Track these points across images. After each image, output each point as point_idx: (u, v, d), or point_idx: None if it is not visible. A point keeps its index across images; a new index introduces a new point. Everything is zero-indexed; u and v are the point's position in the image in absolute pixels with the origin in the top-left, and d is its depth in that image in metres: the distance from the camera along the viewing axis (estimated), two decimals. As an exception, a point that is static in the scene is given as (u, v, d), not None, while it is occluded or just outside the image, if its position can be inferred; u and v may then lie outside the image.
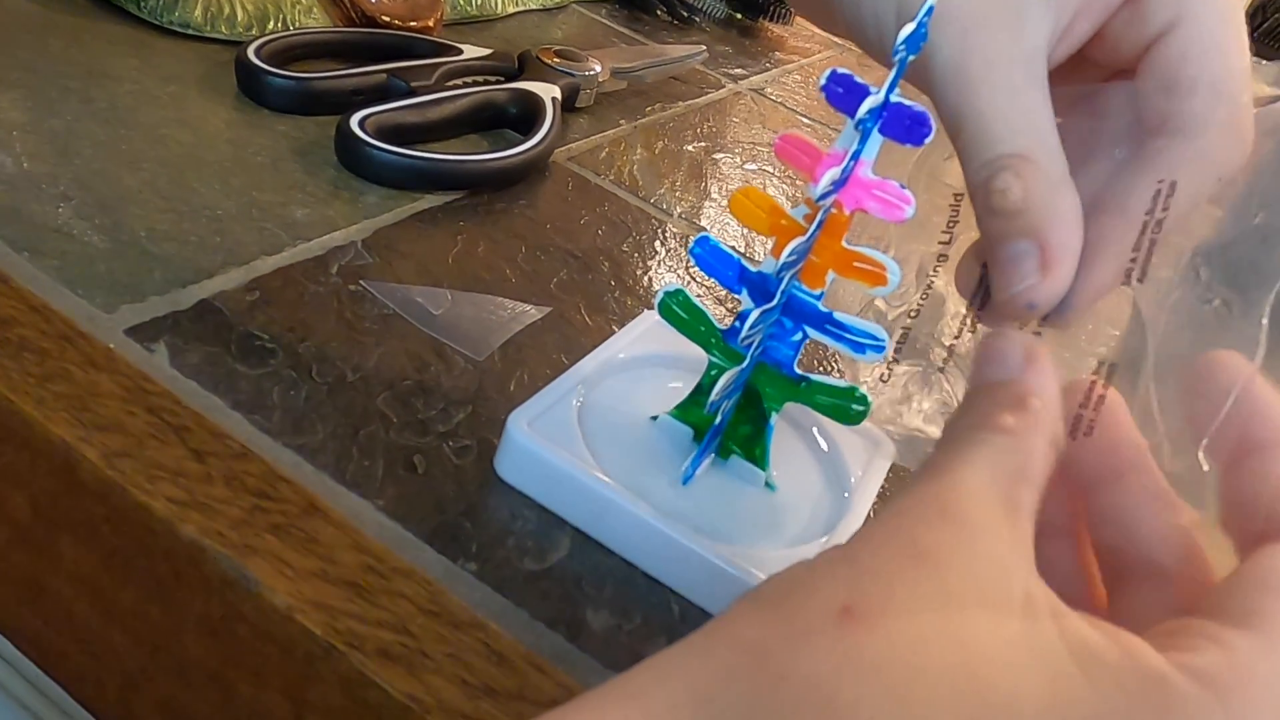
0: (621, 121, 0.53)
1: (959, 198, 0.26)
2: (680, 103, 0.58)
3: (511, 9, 0.61)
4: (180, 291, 0.30)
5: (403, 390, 0.29)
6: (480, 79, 0.47)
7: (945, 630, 0.15)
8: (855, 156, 0.24)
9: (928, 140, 0.23)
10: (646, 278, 0.40)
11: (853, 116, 0.23)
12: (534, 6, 0.63)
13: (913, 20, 0.22)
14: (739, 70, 0.67)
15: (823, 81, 0.24)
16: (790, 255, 0.24)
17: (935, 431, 0.26)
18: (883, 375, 0.27)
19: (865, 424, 0.29)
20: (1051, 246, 0.22)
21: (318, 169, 0.38)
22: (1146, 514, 0.19)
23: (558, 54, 0.51)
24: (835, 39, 0.85)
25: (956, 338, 0.27)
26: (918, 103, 0.23)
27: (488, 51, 0.49)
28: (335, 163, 0.39)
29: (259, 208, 0.35)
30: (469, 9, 0.57)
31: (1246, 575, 0.18)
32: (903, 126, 0.23)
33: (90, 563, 0.25)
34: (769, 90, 0.66)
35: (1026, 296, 0.22)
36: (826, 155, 0.24)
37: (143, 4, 0.43)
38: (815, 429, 0.31)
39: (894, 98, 0.23)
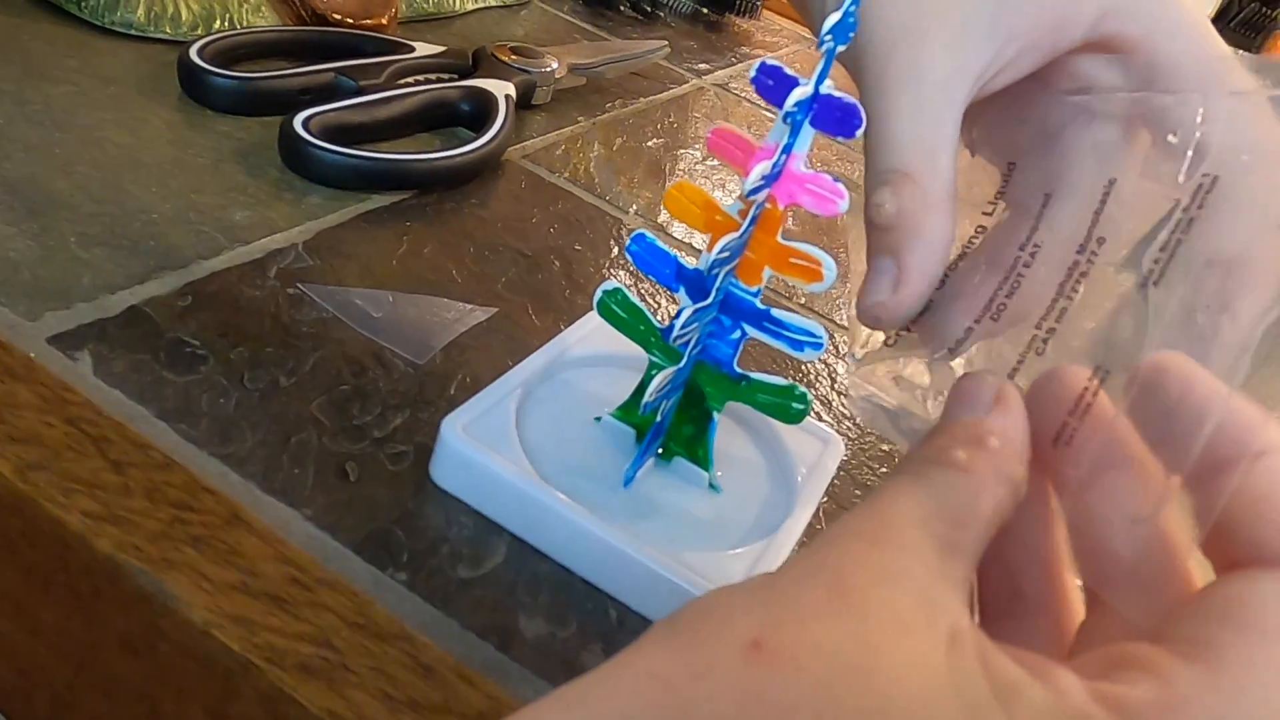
0: (580, 118, 0.52)
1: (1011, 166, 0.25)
2: (641, 99, 0.57)
3: (471, 6, 0.60)
4: (109, 298, 0.29)
5: (338, 396, 0.29)
6: (433, 77, 0.46)
7: (859, 668, 0.14)
8: (787, 150, 0.24)
9: (859, 133, 0.23)
10: (598, 277, 0.39)
11: (781, 108, 0.23)
12: (495, 3, 0.63)
13: (838, 9, 0.22)
14: (703, 65, 0.67)
15: (752, 74, 0.23)
16: (722, 251, 0.24)
17: (910, 409, 0.25)
18: (889, 340, 0.26)
19: (809, 419, 0.28)
20: (906, 267, 0.22)
21: (260, 170, 0.37)
22: (1119, 519, 0.18)
23: (514, 51, 0.50)
24: (804, 33, 0.85)
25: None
26: (849, 95, 0.23)
27: (441, 49, 0.48)
28: (279, 164, 0.38)
29: (197, 210, 0.34)
30: (426, 6, 0.56)
31: (1205, 602, 0.17)
32: (833, 119, 0.23)
33: (10, 578, 0.25)
34: (733, 85, 0.66)
35: (874, 311, 0.23)
36: (759, 149, 0.24)
37: (83, 4, 0.42)
38: (762, 428, 0.31)
39: (824, 89, 0.23)
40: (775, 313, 0.25)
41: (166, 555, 0.22)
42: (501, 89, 0.46)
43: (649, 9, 0.71)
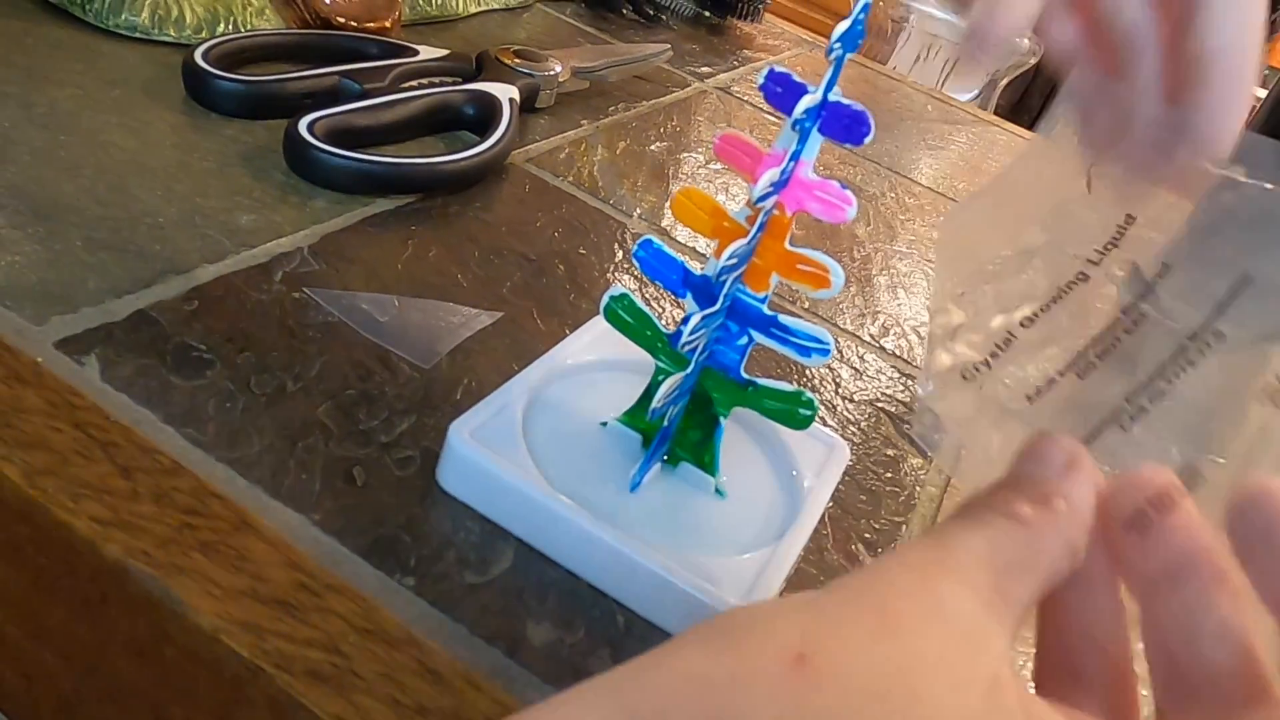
0: (583, 122, 0.52)
1: (1129, 220, 0.24)
2: (644, 102, 0.57)
3: (474, 9, 0.60)
4: (115, 302, 0.29)
5: (345, 400, 0.29)
6: (436, 80, 0.46)
7: (901, 694, 0.14)
8: (795, 157, 0.24)
9: (867, 139, 0.23)
10: (603, 281, 0.39)
11: (790, 116, 0.23)
12: (497, 6, 0.63)
13: (848, 18, 0.22)
14: (705, 69, 0.67)
15: (760, 80, 0.23)
16: (730, 258, 0.24)
17: (976, 448, 0.24)
18: (966, 374, 0.25)
19: (815, 425, 0.28)
20: None
21: (265, 174, 0.37)
22: (1200, 629, 0.18)
23: (517, 54, 0.50)
24: (806, 36, 0.85)
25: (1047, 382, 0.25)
26: (857, 102, 0.23)
27: (445, 52, 0.48)
28: (284, 167, 0.38)
29: (203, 214, 0.34)
30: (429, 9, 0.56)
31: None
32: (842, 126, 0.23)
33: (19, 584, 0.24)
34: (735, 88, 0.66)
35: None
36: (767, 156, 0.24)
37: (88, 7, 0.42)
38: (768, 433, 0.31)
39: (832, 97, 0.23)
40: (782, 319, 0.25)
41: (174, 560, 0.22)
42: (505, 92, 0.46)
43: (651, 12, 0.71)
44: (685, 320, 0.25)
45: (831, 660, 0.14)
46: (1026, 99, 2.98)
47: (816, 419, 0.26)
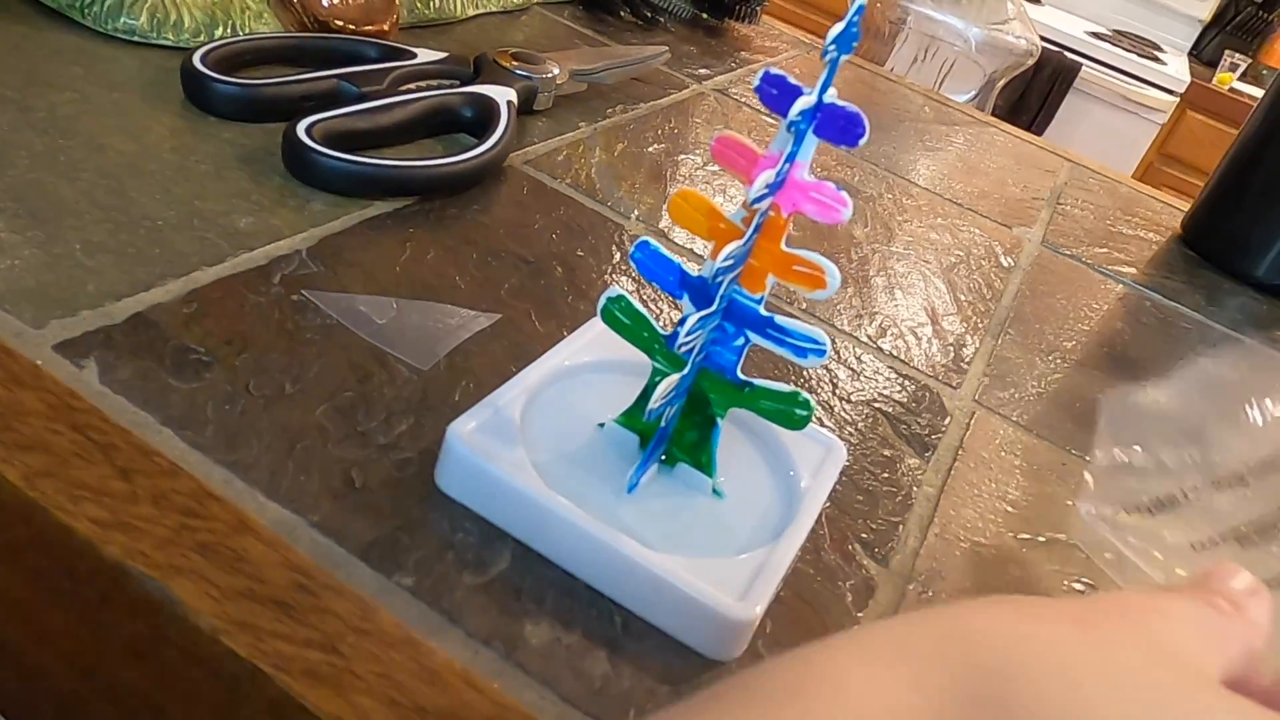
0: (581, 124, 0.52)
1: None
2: (642, 104, 0.58)
3: (472, 11, 0.60)
4: (114, 305, 0.29)
5: (343, 402, 0.29)
6: (435, 83, 0.47)
7: (1153, 666, 0.17)
8: (790, 159, 0.24)
9: (862, 141, 0.23)
10: (601, 282, 0.39)
11: (785, 117, 0.23)
12: (495, 9, 0.63)
13: (842, 20, 0.22)
14: (703, 70, 0.67)
15: (756, 82, 0.24)
16: (726, 259, 0.24)
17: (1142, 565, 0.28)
18: (1151, 509, 0.29)
19: (812, 426, 0.29)
20: None
21: (264, 177, 0.38)
22: None
23: (515, 57, 0.50)
24: (803, 38, 0.85)
25: None
26: (852, 104, 0.23)
27: (443, 55, 0.48)
28: (282, 170, 0.38)
29: (201, 217, 0.34)
30: (427, 12, 0.57)
31: None
32: (837, 127, 0.23)
33: (18, 585, 0.25)
34: (733, 90, 0.66)
35: None
36: (762, 158, 0.24)
37: (86, 11, 0.42)
38: (766, 434, 0.31)
39: (827, 99, 0.23)
40: (779, 320, 0.25)
41: (173, 562, 0.22)
42: (503, 95, 0.46)
43: (648, 15, 0.71)
44: (682, 321, 0.25)
45: (1102, 628, 0.17)
46: (1025, 99, 2.98)
47: (814, 420, 0.26)
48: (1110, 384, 0.45)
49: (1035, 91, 2.94)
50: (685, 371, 0.26)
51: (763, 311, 0.25)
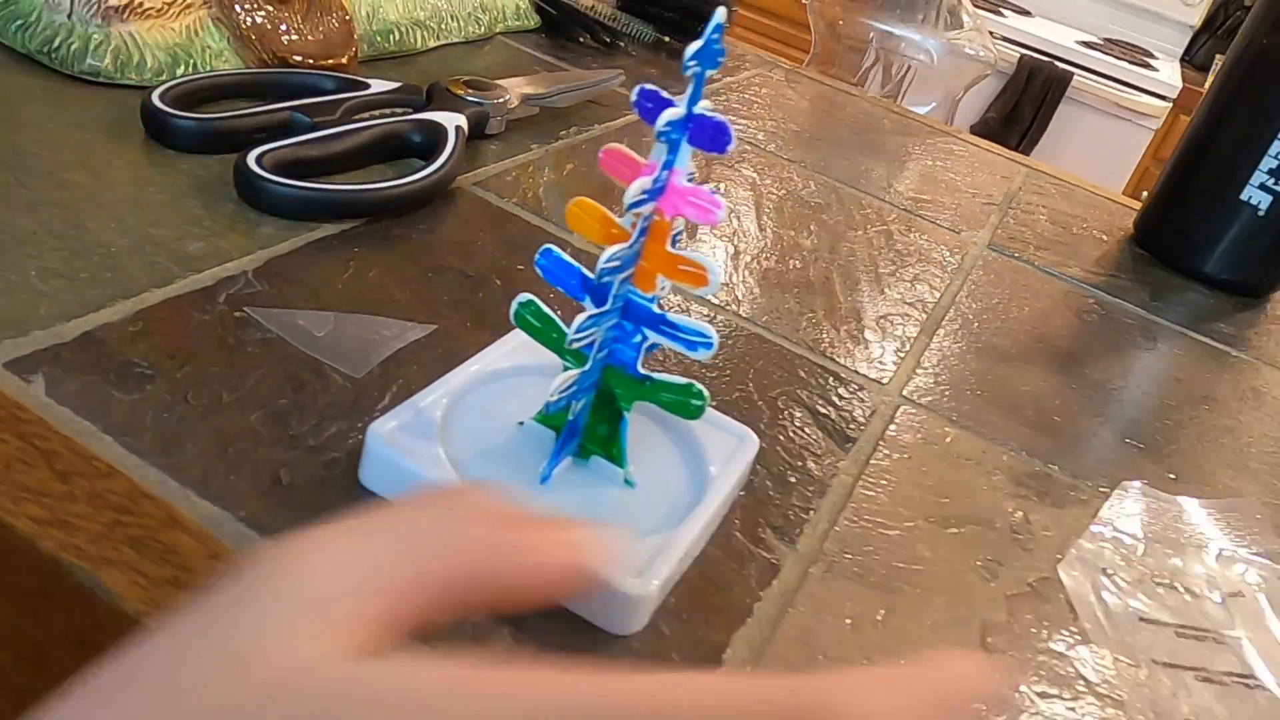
0: (533, 146, 0.54)
1: None
2: (596, 125, 0.60)
3: (433, 43, 0.63)
4: (64, 325, 0.31)
5: (277, 409, 0.31)
6: (387, 112, 0.49)
7: None
8: (668, 166, 0.26)
9: (730, 148, 0.25)
10: (538, 295, 0.41)
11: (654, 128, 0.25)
12: (457, 40, 0.65)
13: (700, 38, 0.24)
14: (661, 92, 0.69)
15: (633, 98, 0.26)
16: (611, 260, 0.26)
17: None
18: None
19: (727, 419, 0.30)
20: None
21: (217, 204, 0.40)
22: None
23: (467, 84, 0.53)
24: (767, 56, 0.87)
25: None
26: (719, 114, 0.25)
27: (396, 85, 0.50)
28: (235, 198, 0.40)
29: (154, 243, 0.36)
30: (387, 45, 0.59)
31: None
32: (707, 136, 0.25)
33: (-30, 585, 0.27)
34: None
35: None
36: (644, 166, 0.26)
37: (54, 55, 0.45)
38: (681, 428, 0.32)
39: (698, 110, 0.25)
40: (671, 316, 0.27)
41: (105, 554, 0.24)
42: (452, 120, 0.48)
43: (608, 40, 0.74)
44: (575, 320, 0.27)
45: None
46: (1018, 110, 3.00)
47: (713, 410, 0.28)
48: (1042, 378, 0.47)
49: (1028, 102, 2.97)
50: (587, 367, 0.28)
51: (655, 309, 0.27)
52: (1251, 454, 0.46)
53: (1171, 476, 0.42)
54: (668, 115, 0.24)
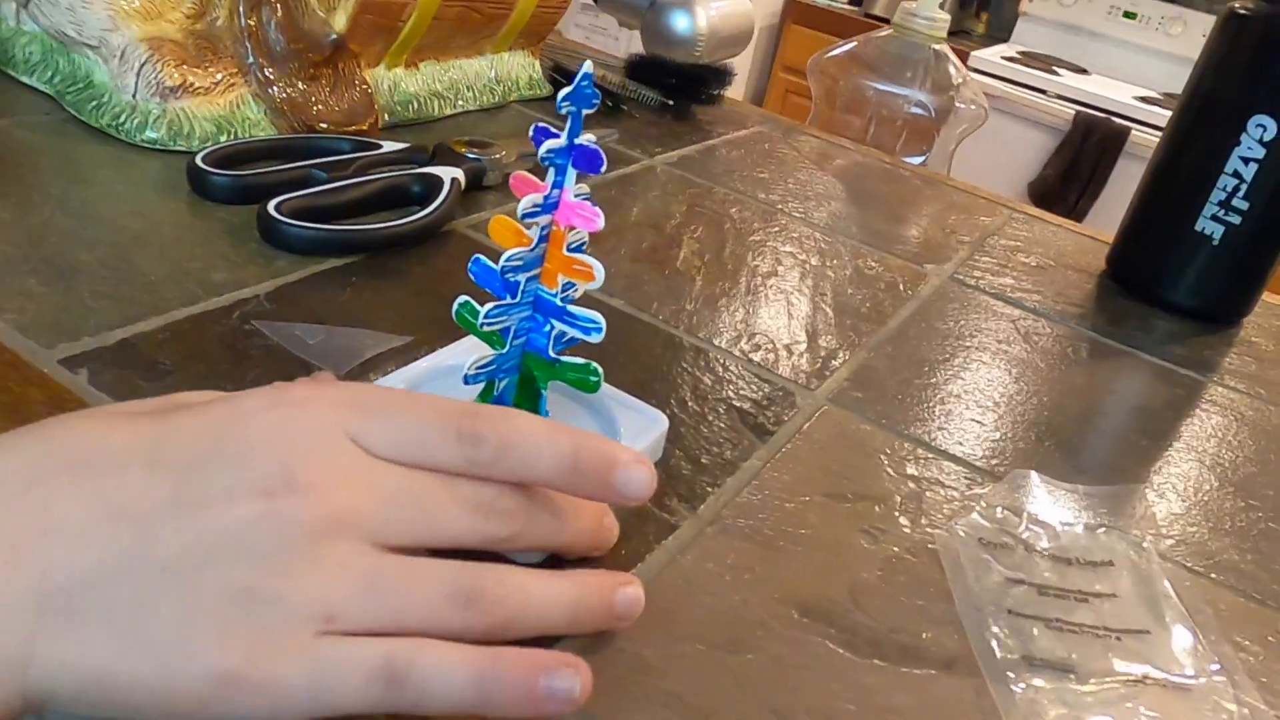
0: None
1: None
2: (590, 177, 0.67)
3: (449, 111, 0.72)
4: (107, 333, 0.39)
5: (269, 396, 0.37)
6: (394, 168, 0.57)
7: None
8: (558, 185, 0.32)
9: (602, 169, 0.32)
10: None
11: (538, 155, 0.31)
12: (472, 108, 0.74)
13: (570, 84, 0.31)
14: (658, 149, 0.77)
15: (531, 132, 0.32)
16: (511, 260, 0.32)
17: None
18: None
19: (641, 402, 0.36)
20: None
21: (242, 243, 0.48)
22: None
23: (469, 143, 0.61)
24: (770, 115, 0.94)
25: None
26: (596, 145, 0.32)
27: (405, 145, 0.59)
28: (258, 238, 0.48)
29: (185, 273, 0.44)
30: (407, 114, 0.68)
31: None
32: (586, 161, 0.32)
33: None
34: (681, 164, 0.75)
35: None
36: (541, 187, 0.33)
37: (120, 128, 0.54)
38: (600, 408, 0.38)
39: (578, 141, 0.32)
40: (571, 309, 0.33)
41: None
42: (449, 173, 0.56)
43: (610, 104, 0.82)
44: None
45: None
46: (1075, 167, 3.00)
47: (628, 394, 0.34)
48: (971, 386, 0.51)
49: (1085, 160, 2.98)
50: (505, 350, 0.34)
51: (558, 303, 0.34)
52: (1168, 457, 0.49)
53: (1079, 472, 0.46)
54: (548, 145, 0.31)
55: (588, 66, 0.31)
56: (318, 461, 0.25)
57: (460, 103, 0.73)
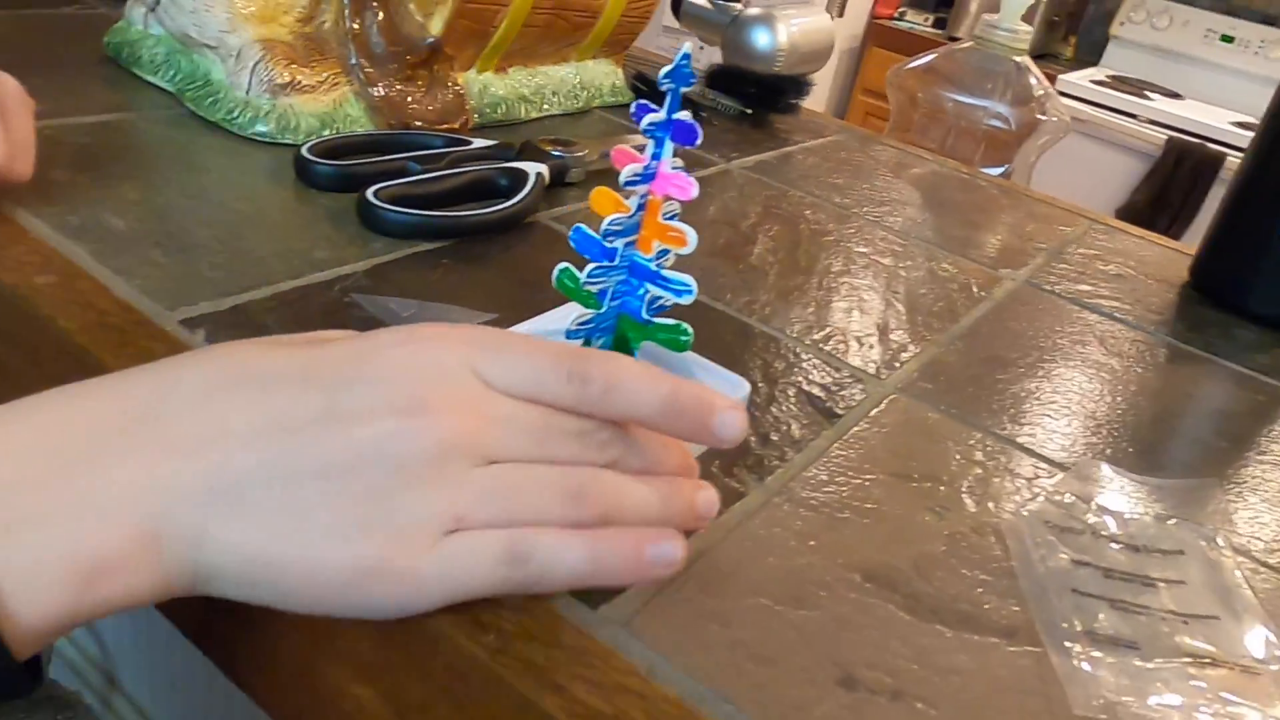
0: (607, 192, 0.64)
1: None
2: (668, 178, 0.69)
3: (535, 114, 0.74)
4: (222, 299, 0.42)
5: (366, 361, 0.40)
6: (483, 162, 0.60)
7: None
8: (656, 157, 0.34)
9: (698, 142, 0.34)
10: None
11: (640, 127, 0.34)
12: (557, 112, 0.77)
13: (671, 63, 0.33)
14: (735, 154, 0.78)
15: (633, 109, 0.34)
16: (612, 224, 0.34)
17: None
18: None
19: (727, 370, 0.38)
20: None
21: (343, 226, 0.51)
22: None
23: (554, 142, 0.63)
24: (846, 125, 0.95)
25: None
26: (692, 119, 0.34)
27: (493, 142, 0.61)
28: (357, 222, 0.52)
29: (291, 251, 0.48)
30: (495, 115, 0.71)
31: None
32: (683, 134, 0.34)
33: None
34: (758, 168, 0.77)
35: None
36: (641, 159, 0.35)
37: (233, 122, 0.58)
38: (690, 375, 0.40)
39: (676, 116, 0.34)
40: (664, 272, 0.35)
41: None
42: (535, 168, 0.58)
43: (693, 113, 0.84)
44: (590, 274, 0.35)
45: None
46: (1166, 194, 2.92)
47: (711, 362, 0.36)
48: (1046, 384, 0.52)
49: (1176, 186, 2.89)
50: (602, 310, 0.36)
51: (653, 267, 0.36)
52: (1248, 458, 0.49)
53: (1152, 468, 0.46)
54: (649, 118, 0.33)
55: (687, 47, 0.33)
56: (445, 389, 0.28)
57: (546, 107, 0.75)
